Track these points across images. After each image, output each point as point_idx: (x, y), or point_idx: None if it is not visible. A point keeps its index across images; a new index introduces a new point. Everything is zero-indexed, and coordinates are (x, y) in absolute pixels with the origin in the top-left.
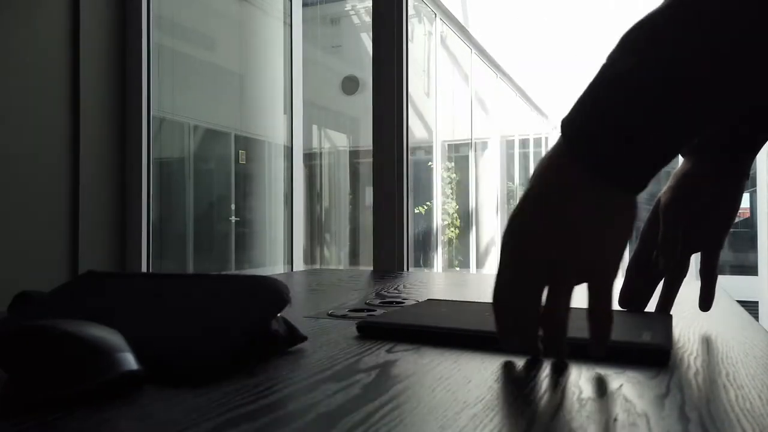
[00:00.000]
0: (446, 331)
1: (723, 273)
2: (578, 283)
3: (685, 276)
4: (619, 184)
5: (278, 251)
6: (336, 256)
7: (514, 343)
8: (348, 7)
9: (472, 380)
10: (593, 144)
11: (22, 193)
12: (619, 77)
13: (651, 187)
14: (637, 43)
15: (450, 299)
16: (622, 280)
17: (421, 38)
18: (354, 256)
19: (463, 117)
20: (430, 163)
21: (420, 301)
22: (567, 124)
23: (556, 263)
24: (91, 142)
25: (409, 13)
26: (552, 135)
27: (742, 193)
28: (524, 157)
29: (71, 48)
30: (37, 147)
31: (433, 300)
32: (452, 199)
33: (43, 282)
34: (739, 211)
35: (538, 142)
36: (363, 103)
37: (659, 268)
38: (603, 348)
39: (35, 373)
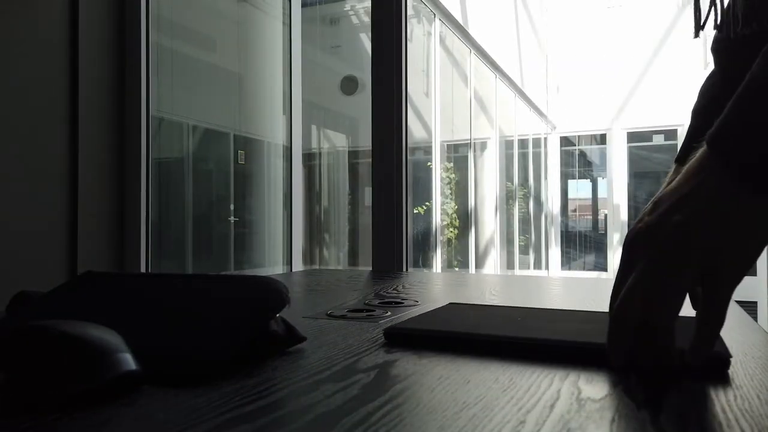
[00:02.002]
0: (490, 338)
1: None
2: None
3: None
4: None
5: (277, 251)
6: (335, 257)
7: (623, 357)
8: (347, 7)
9: (471, 380)
10: (745, 150)
11: (21, 193)
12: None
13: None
14: None
15: (472, 303)
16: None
17: (421, 38)
18: (353, 257)
19: (462, 117)
20: (429, 164)
21: (439, 306)
22: (715, 136)
23: (704, 261)
24: (90, 141)
25: (408, 14)
26: (551, 135)
27: None
28: (523, 157)
29: (70, 48)
30: (36, 147)
31: (454, 304)
32: (451, 199)
33: (42, 282)
34: None
35: (537, 143)
36: (362, 103)
37: None
38: (702, 356)
39: (34, 374)
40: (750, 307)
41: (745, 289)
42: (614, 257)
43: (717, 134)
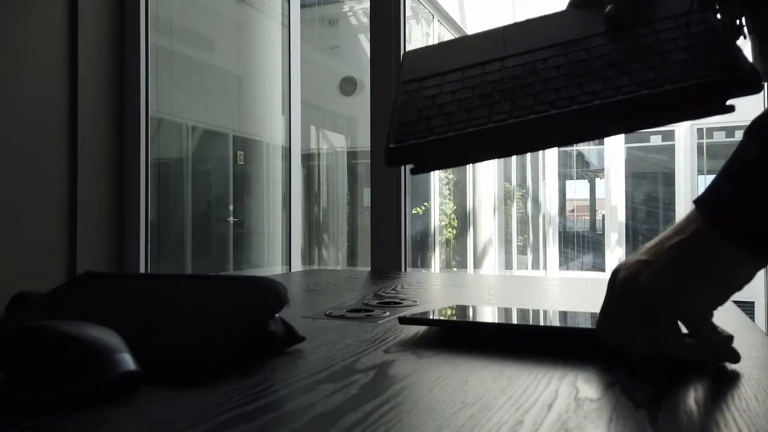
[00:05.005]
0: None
1: None
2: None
3: None
4: (758, 253)
5: (276, 252)
6: (334, 257)
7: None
8: (346, 8)
9: (470, 380)
10: (737, 219)
11: (21, 194)
12: (748, 163)
13: None
14: (763, 131)
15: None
16: None
17: (419, 39)
18: (352, 257)
19: None
20: None
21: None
22: (705, 202)
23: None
24: (89, 142)
25: (406, 15)
26: None
27: None
28: (521, 157)
29: (69, 49)
30: (35, 147)
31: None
32: (450, 199)
33: (41, 282)
34: None
35: None
36: (361, 104)
37: None
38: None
39: (33, 374)
40: (747, 307)
41: (743, 289)
42: (612, 257)
43: (708, 199)
